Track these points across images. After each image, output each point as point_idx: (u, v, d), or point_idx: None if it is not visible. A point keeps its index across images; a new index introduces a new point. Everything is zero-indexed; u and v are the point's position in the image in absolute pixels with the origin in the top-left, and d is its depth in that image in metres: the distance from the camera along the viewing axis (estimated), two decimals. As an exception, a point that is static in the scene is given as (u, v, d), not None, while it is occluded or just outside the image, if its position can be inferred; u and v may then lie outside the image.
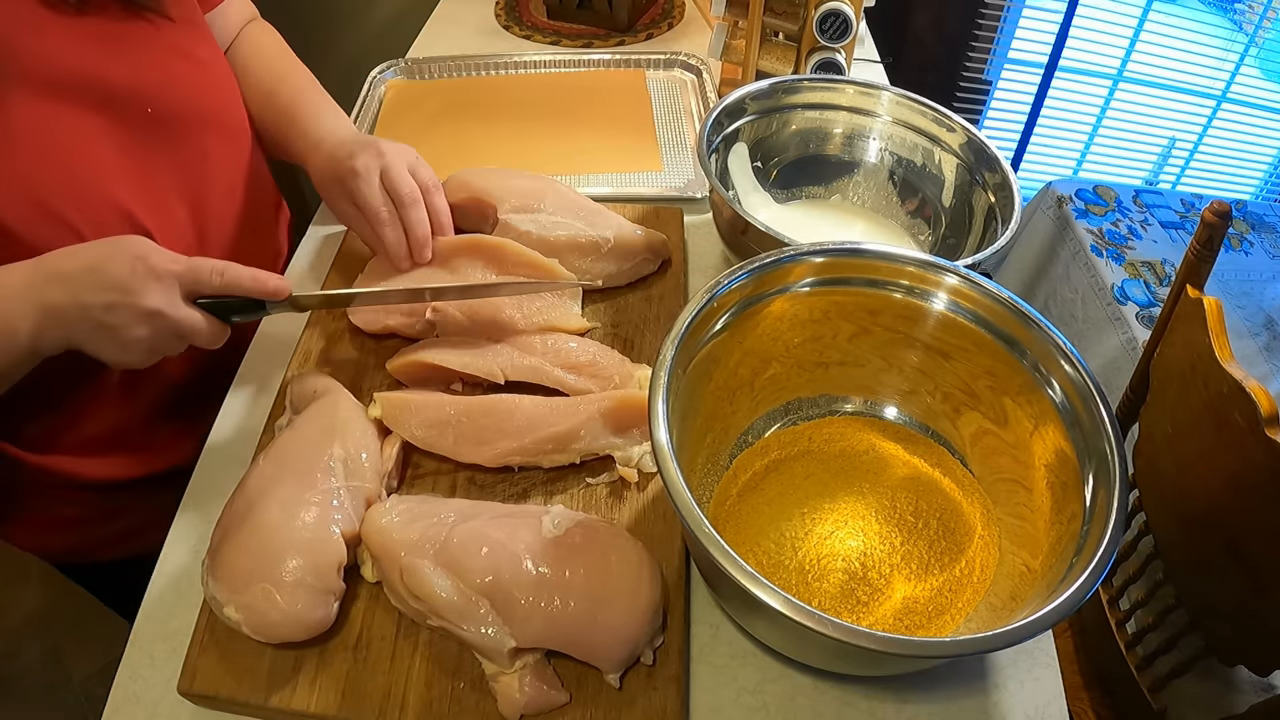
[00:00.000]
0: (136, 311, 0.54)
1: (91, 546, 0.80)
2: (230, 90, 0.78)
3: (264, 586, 0.52)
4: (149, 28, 0.67)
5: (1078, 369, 0.56)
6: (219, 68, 0.76)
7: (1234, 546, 0.80)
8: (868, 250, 0.63)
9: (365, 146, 0.72)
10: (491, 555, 0.53)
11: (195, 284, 0.56)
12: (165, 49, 0.69)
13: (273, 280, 0.59)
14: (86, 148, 0.63)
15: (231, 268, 0.58)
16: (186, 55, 0.71)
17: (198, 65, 0.72)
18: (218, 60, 0.76)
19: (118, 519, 0.79)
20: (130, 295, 0.53)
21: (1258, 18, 2.00)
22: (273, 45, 0.86)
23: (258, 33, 0.87)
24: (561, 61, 1.14)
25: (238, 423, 0.71)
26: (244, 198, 0.80)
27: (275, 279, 0.60)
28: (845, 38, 0.95)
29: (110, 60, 0.64)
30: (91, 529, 0.79)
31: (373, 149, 0.71)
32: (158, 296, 0.54)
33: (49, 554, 0.80)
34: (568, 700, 0.53)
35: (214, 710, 0.55)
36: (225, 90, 0.77)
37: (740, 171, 0.86)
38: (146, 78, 0.67)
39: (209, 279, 0.57)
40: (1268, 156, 2.22)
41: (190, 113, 0.71)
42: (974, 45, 2.04)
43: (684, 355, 0.57)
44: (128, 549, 0.78)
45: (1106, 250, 1.58)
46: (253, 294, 0.59)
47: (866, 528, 0.62)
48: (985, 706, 0.56)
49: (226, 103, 0.77)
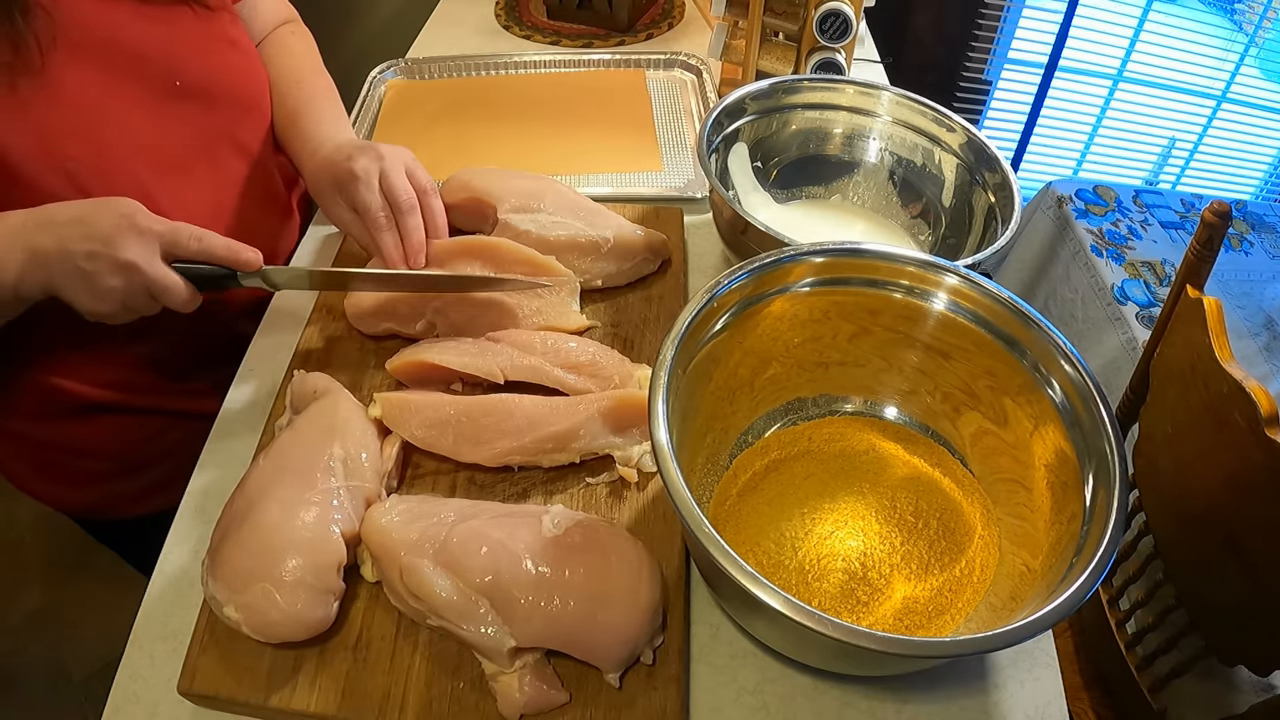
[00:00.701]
0: (114, 262, 0.56)
1: (113, 503, 0.83)
2: (257, 73, 0.80)
3: (264, 586, 0.52)
4: (188, 13, 0.72)
5: (1078, 369, 0.56)
6: (248, 52, 0.79)
7: (1234, 546, 0.80)
8: (868, 250, 0.63)
9: (364, 150, 0.72)
10: (491, 555, 0.53)
11: (174, 245, 0.59)
12: (199, 31, 0.73)
13: (246, 251, 0.62)
14: (117, 115, 0.67)
15: (209, 235, 0.61)
16: (219, 38, 0.75)
17: (229, 47, 0.76)
18: (247, 46, 0.79)
19: (142, 473, 0.82)
20: (110, 246, 0.56)
21: (1258, 18, 2.00)
22: (301, 51, 0.88)
23: (288, 35, 0.89)
24: (561, 61, 1.14)
25: (238, 423, 0.71)
26: (261, 178, 0.82)
27: (249, 251, 0.62)
28: (845, 38, 0.95)
29: (147, 34, 0.69)
30: (113, 484, 0.82)
31: (371, 153, 0.72)
32: (136, 251, 0.57)
33: (70, 508, 0.84)
34: (568, 700, 0.53)
35: (214, 710, 0.55)
36: (251, 72, 0.79)
37: (740, 171, 0.86)
38: (179, 52, 0.71)
39: (187, 243, 0.60)
40: (1268, 156, 2.22)
41: (218, 89, 0.75)
42: (974, 45, 2.04)
43: (684, 355, 0.57)
44: (148, 506, 0.81)
45: (1106, 250, 1.58)
46: (226, 262, 0.61)
47: (866, 528, 0.62)
48: (985, 706, 0.56)
49: (252, 85, 0.79)
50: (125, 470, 0.82)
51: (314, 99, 0.83)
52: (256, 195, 0.82)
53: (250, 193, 0.80)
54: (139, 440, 0.80)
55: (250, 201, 0.80)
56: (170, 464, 0.75)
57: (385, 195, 0.71)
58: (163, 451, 0.81)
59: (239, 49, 0.78)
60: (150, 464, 0.82)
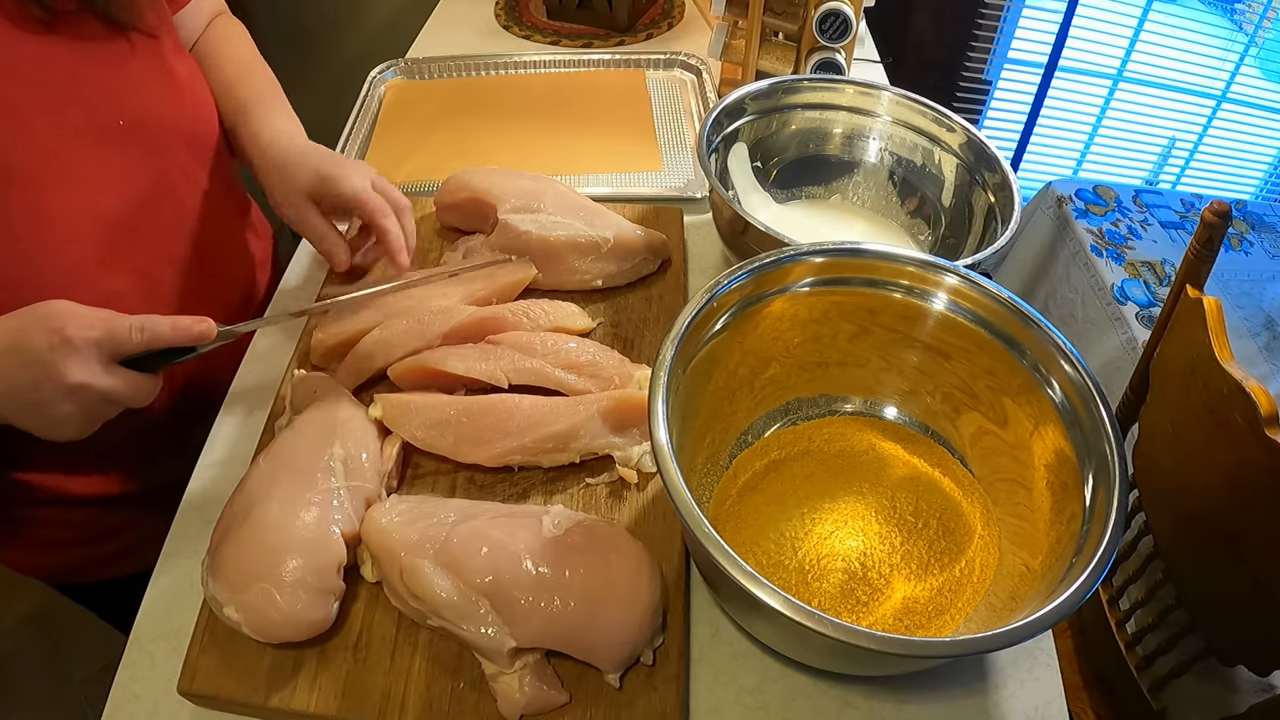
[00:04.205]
0: (60, 388, 0.51)
1: (87, 566, 0.79)
2: (206, 106, 0.75)
3: (264, 586, 0.52)
4: (125, 43, 0.65)
5: (1078, 369, 0.56)
6: (193, 79, 0.74)
7: (1234, 546, 0.80)
8: (868, 250, 0.63)
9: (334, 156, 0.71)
10: (491, 555, 0.53)
11: (115, 346, 0.53)
12: (141, 63, 0.67)
13: (195, 326, 0.56)
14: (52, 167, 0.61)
15: (150, 322, 0.54)
16: (161, 68, 0.69)
17: (172, 76, 0.70)
18: (192, 71, 0.74)
19: (113, 538, 0.78)
20: (51, 371, 0.51)
21: (1258, 18, 2.00)
22: (241, 40, 0.84)
23: (226, 25, 0.84)
24: (561, 61, 1.14)
25: (238, 423, 0.71)
26: (225, 209, 0.79)
27: (198, 324, 0.56)
28: (845, 38, 0.95)
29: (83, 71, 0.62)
30: (87, 549, 0.78)
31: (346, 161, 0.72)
32: (78, 369, 0.51)
33: (45, 574, 0.79)
34: (568, 700, 0.53)
35: (214, 710, 0.55)
36: (201, 102, 0.75)
37: (740, 171, 0.86)
38: (119, 88, 0.65)
39: (128, 338, 0.53)
40: (1268, 156, 2.22)
41: (167, 124, 0.69)
42: (974, 45, 2.03)
43: (684, 355, 0.57)
44: (123, 567, 0.77)
45: (1106, 250, 1.58)
46: (175, 344, 0.56)
47: (866, 528, 0.62)
48: (985, 706, 0.56)
49: (202, 115, 0.74)
50: (97, 537, 0.77)
51: (263, 94, 0.79)
52: (223, 231, 0.79)
53: (215, 231, 0.77)
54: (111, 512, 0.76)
55: (217, 241, 0.77)
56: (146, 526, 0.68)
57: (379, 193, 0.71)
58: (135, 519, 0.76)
59: (182, 77, 0.71)
60: (123, 530, 0.77)
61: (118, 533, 0.78)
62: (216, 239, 0.77)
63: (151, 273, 0.69)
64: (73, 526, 0.76)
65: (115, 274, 0.66)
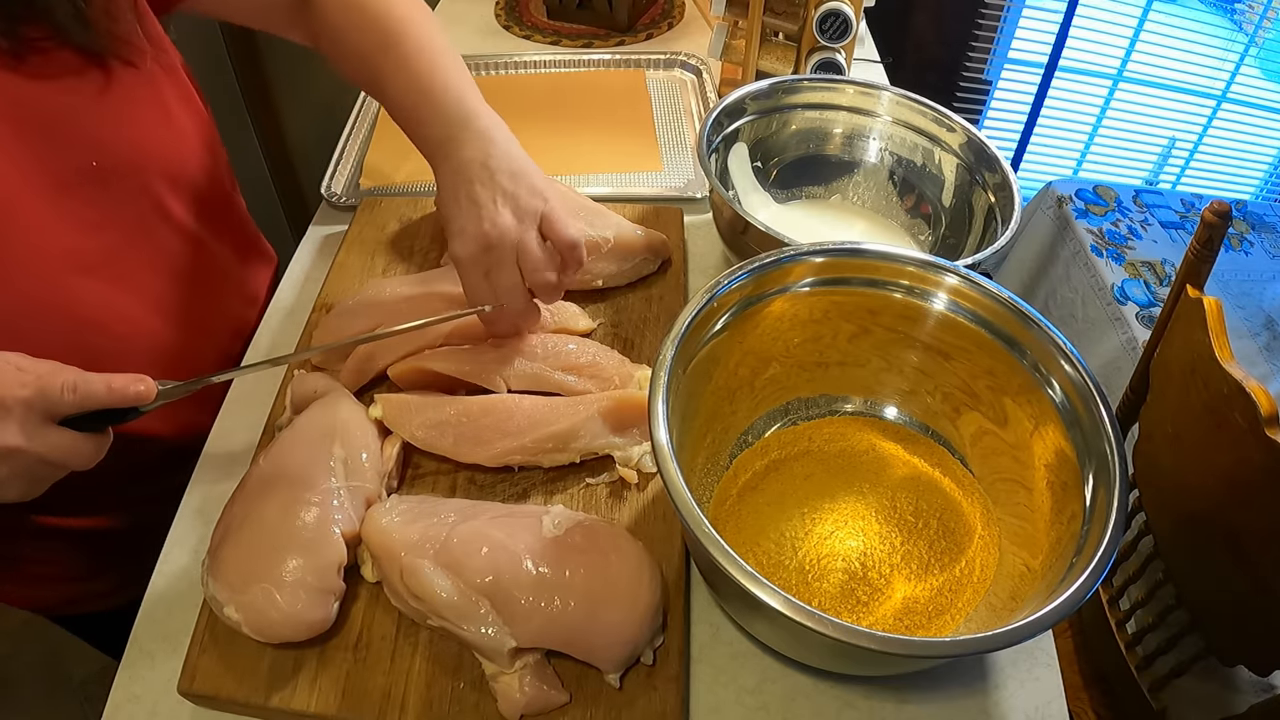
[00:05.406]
0: None
1: (83, 599, 0.78)
2: (196, 140, 0.68)
3: (264, 586, 0.52)
4: (100, 76, 0.59)
5: (1078, 369, 0.56)
6: (187, 115, 0.67)
7: (1234, 546, 0.80)
8: (868, 250, 0.63)
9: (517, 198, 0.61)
10: (491, 555, 0.53)
11: (48, 406, 0.48)
12: (120, 98, 0.61)
13: (132, 386, 0.50)
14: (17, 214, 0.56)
15: (84, 381, 0.48)
16: (143, 101, 0.63)
17: (157, 109, 0.64)
18: (184, 100, 0.67)
19: (108, 573, 0.77)
20: None
21: (1258, 18, 2.00)
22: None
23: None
24: (561, 61, 1.14)
25: (238, 422, 0.71)
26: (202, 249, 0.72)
27: (136, 385, 0.50)
28: (845, 38, 0.95)
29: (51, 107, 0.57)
30: (83, 584, 0.77)
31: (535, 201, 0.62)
32: (9, 432, 0.46)
33: (41, 608, 0.79)
34: (568, 700, 0.53)
35: (214, 710, 0.55)
36: (186, 138, 0.67)
37: (740, 171, 0.86)
38: (93, 126, 0.60)
39: (60, 398, 0.48)
40: (1268, 156, 2.22)
41: (146, 163, 0.63)
42: (974, 45, 2.04)
43: (684, 355, 0.57)
44: (119, 600, 0.74)
45: (1106, 250, 1.58)
46: (111, 405, 0.50)
47: (866, 528, 0.62)
48: (985, 706, 0.56)
49: (187, 153, 0.68)
50: (89, 574, 0.76)
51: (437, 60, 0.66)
52: (210, 271, 0.73)
53: (202, 271, 0.71)
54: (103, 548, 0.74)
55: (201, 283, 0.71)
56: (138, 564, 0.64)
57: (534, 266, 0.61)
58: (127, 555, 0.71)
59: (169, 105, 0.65)
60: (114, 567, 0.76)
61: (110, 569, 0.76)
62: (204, 279, 0.72)
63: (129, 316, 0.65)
64: (62, 563, 0.74)
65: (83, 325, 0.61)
